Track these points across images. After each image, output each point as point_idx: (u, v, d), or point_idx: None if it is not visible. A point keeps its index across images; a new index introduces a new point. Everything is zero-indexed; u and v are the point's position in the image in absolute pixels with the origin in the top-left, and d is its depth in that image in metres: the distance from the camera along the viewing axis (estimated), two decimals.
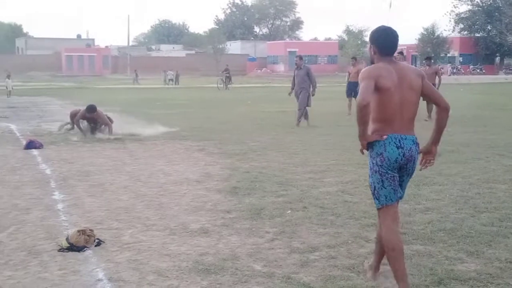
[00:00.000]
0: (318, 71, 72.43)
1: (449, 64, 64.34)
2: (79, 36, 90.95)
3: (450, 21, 71.15)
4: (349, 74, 17.54)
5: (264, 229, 5.36)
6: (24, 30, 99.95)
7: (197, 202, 6.45)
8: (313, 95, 14.59)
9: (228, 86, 38.29)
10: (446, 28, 73.28)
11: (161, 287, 3.99)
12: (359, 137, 3.79)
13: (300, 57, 14.96)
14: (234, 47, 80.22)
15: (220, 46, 72.53)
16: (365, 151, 3.89)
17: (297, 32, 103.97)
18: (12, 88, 29.39)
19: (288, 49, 74.66)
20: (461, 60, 67.37)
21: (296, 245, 4.89)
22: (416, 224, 5.44)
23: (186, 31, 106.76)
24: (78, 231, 4.90)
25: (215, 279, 4.13)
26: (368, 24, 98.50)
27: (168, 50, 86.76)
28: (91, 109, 12.03)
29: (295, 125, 14.17)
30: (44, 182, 7.63)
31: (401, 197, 3.97)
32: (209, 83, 43.78)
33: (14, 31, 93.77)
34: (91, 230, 5.01)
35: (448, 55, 67.00)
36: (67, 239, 4.88)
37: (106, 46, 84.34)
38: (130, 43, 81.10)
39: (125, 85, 44.06)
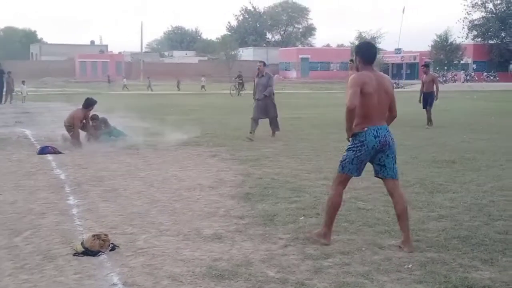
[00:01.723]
0: (331, 77, 72.72)
1: (462, 71, 64.06)
2: (92, 42, 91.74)
3: (463, 28, 70.89)
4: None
5: (277, 235, 5.37)
6: (39, 36, 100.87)
7: (210, 208, 6.48)
8: (264, 96, 12.86)
9: (241, 92, 38.38)
10: (460, 35, 73.11)
11: None
12: (346, 130, 4.97)
13: (264, 63, 13.69)
14: (247, 53, 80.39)
15: (233, 53, 72.80)
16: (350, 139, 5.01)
17: (309, 38, 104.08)
18: (26, 94, 29.68)
19: (301, 56, 74.79)
20: (475, 67, 67.00)
21: (310, 251, 4.89)
22: (430, 231, 5.42)
23: (198, 37, 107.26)
24: (93, 235, 4.94)
25: (228, 285, 4.15)
26: (382, 30, 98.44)
27: (181, 57, 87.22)
28: (91, 102, 12.02)
29: (247, 138, 12.41)
30: (58, 187, 7.69)
31: (391, 177, 5.10)
32: (222, 89, 43.91)
33: (29, 37, 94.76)
34: (106, 235, 5.04)
35: (462, 62, 66.67)
36: (82, 243, 4.92)
37: (119, 52, 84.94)
38: (143, 50, 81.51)
39: (139, 91, 44.34)
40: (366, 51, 5.07)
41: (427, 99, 15.87)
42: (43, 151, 10.69)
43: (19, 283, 4.19)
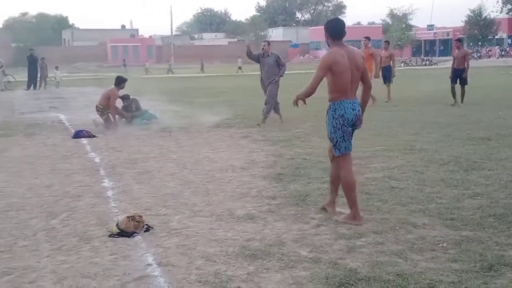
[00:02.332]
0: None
1: (497, 47, 62.58)
2: (123, 26, 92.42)
3: (497, 1, 69.05)
4: (381, 58, 16.72)
5: (309, 215, 5.36)
6: (70, 22, 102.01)
7: (242, 188, 6.50)
8: (281, 76, 12.25)
9: None
10: (494, 9, 71.28)
11: (209, 272, 4.05)
12: (300, 95, 5.12)
13: (268, 43, 12.67)
14: (276, 33, 80.00)
15: (262, 33, 72.54)
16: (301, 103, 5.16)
17: (339, 16, 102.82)
18: (60, 79, 30.13)
19: None
20: (510, 42, 65.34)
21: (342, 231, 4.88)
22: (465, 209, 5.35)
23: (228, 19, 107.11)
24: (128, 217, 5.01)
25: (261, 264, 4.17)
26: (414, 7, 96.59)
27: (211, 39, 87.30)
28: (122, 79, 12.20)
29: (261, 122, 12.05)
30: (93, 170, 7.82)
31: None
32: (252, 70, 43.80)
33: (60, 23, 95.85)
34: (140, 216, 5.11)
35: (496, 37, 65.12)
36: (117, 225, 5.00)
37: (150, 36, 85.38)
38: (173, 33, 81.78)
39: (162, 74, 44.54)
40: (333, 28, 5.15)
41: (459, 75, 15.31)
42: (78, 135, 10.87)
43: (56, 264, 4.29)
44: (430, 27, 74.25)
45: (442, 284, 3.72)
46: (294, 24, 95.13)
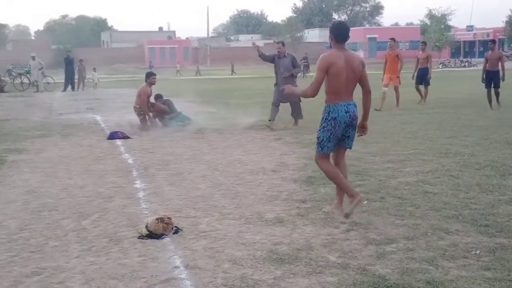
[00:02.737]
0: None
1: None
2: (160, 28, 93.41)
3: None
4: (418, 59, 16.51)
5: (339, 219, 5.28)
6: (109, 24, 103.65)
7: (272, 191, 6.47)
8: (293, 74, 11.72)
9: (306, 74, 38.10)
10: None
11: (235, 276, 4.02)
12: (297, 93, 6.21)
13: (283, 43, 12.21)
14: (312, 35, 79.71)
15: (298, 35, 72.30)
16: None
17: (377, 17, 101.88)
18: (98, 81, 30.62)
19: (368, 35, 73.29)
20: None
21: (372, 236, 4.80)
22: (500, 216, 5.20)
23: (264, 20, 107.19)
24: (157, 219, 5.03)
25: (289, 269, 4.12)
26: (453, 7, 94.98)
27: (247, 40, 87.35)
28: (149, 73, 12.64)
29: (266, 125, 11.80)
30: (126, 171, 7.89)
31: (350, 146, 5.57)
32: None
33: (99, 25, 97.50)
34: (169, 218, 5.12)
35: None
36: (146, 226, 5.02)
37: (187, 38, 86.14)
38: (210, 34, 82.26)
39: (205, 76, 44.81)
40: (339, 31, 5.38)
41: (492, 77, 14.53)
42: (113, 136, 11.00)
43: (86, 265, 4.33)
44: (470, 28, 72.87)
45: None
46: (331, 25, 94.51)
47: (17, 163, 8.53)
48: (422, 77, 16.32)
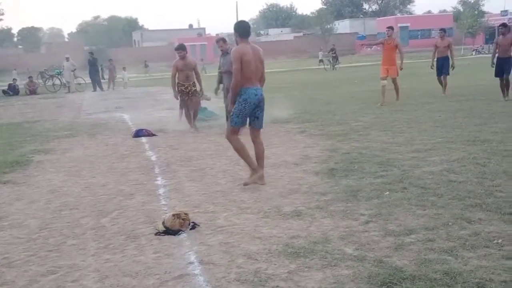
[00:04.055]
0: (432, 45, 69.27)
1: None
2: (190, 26, 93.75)
3: None
4: (436, 47, 15.50)
5: (359, 211, 5.18)
6: (140, 24, 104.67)
7: (293, 184, 6.39)
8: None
9: (336, 66, 37.77)
10: None
11: (249, 270, 3.97)
12: (233, 91, 6.35)
13: (223, 40, 11.36)
14: (343, 26, 78.89)
15: (328, 26, 71.63)
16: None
17: (408, 6, 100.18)
18: (128, 80, 30.91)
19: (399, 24, 72.13)
20: None
21: (392, 227, 4.68)
22: None
23: (293, 13, 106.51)
24: (173, 215, 5.01)
25: (303, 263, 4.05)
26: None
27: (277, 34, 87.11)
28: (177, 46, 11.92)
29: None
30: (149, 168, 7.91)
31: (260, 127, 6.64)
32: (318, 64, 43.43)
33: (131, 25, 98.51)
34: (186, 214, 5.09)
35: None
36: (163, 223, 5.01)
37: (217, 34, 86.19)
38: None
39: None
40: (241, 29, 6.38)
41: (503, 65, 13.33)
42: (138, 134, 11.06)
43: (101, 262, 4.33)
44: (504, 12, 71.00)
45: (493, 283, 3.48)
46: (361, 16, 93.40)
47: (43, 164, 8.65)
48: (442, 67, 15.33)
